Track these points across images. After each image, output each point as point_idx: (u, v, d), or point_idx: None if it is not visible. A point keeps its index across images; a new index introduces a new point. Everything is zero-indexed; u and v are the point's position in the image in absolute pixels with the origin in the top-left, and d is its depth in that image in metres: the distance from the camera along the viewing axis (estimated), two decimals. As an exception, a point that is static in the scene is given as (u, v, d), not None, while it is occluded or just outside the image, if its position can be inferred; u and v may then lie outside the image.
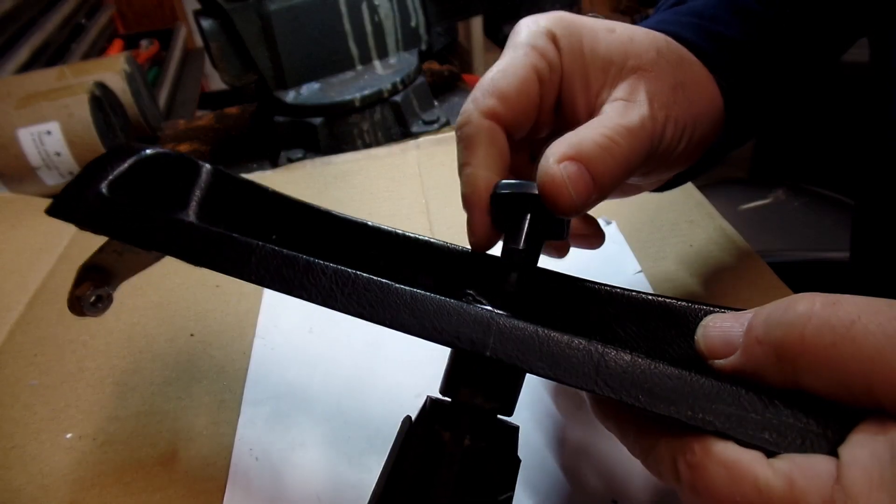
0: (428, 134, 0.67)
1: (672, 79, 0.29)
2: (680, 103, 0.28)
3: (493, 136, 0.27)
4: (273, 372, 0.40)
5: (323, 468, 0.34)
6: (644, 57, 0.28)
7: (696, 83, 0.30)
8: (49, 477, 0.35)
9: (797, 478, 0.17)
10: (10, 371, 0.42)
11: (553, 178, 0.24)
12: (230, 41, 0.61)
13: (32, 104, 0.62)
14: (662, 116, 0.27)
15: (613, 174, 0.25)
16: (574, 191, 0.24)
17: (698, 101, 0.30)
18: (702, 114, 0.30)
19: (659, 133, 0.27)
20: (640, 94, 0.27)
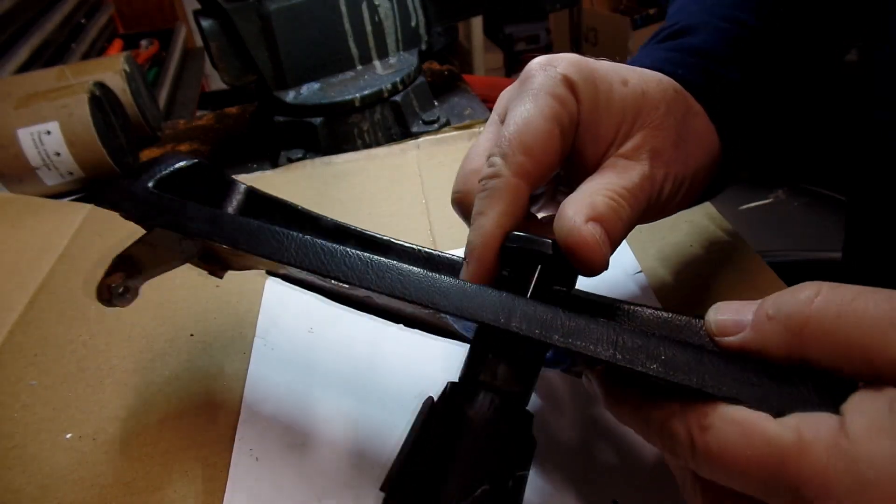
0: (428, 134, 0.67)
1: (675, 135, 0.29)
2: (679, 160, 0.29)
3: (518, 193, 0.26)
4: (273, 372, 0.40)
5: (323, 468, 0.34)
6: (654, 114, 0.29)
7: (698, 136, 0.31)
8: (49, 477, 0.35)
9: (804, 429, 0.18)
10: (10, 371, 0.42)
11: (586, 240, 0.25)
12: (230, 41, 0.61)
13: (32, 104, 0.62)
14: (661, 175, 0.28)
15: (621, 234, 0.26)
16: (605, 250, 0.25)
17: (698, 155, 0.31)
18: (700, 166, 0.31)
19: (657, 191, 0.28)
20: (643, 152, 0.28)
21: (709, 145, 0.32)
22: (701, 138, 0.31)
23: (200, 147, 0.75)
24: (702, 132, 0.31)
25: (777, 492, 0.19)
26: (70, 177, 0.64)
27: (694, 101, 0.32)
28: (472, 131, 0.66)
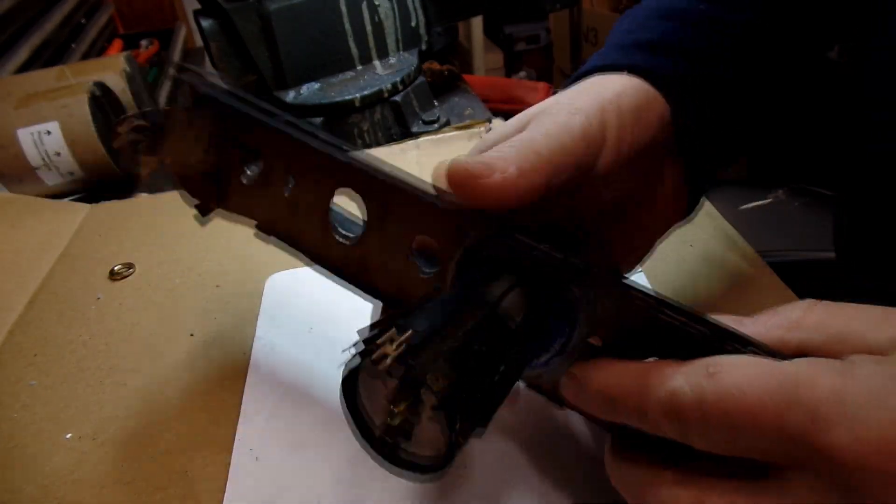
0: (428, 134, 0.67)
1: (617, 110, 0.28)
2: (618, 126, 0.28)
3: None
4: (273, 372, 0.40)
5: (323, 468, 0.34)
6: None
7: (647, 113, 0.30)
8: (49, 477, 0.35)
9: (814, 362, 0.19)
10: (10, 371, 0.42)
11: (467, 167, 0.24)
12: (230, 41, 0.61)
13: (32, 104, 0.62)
14: (593, 124, 0.27)
15: (537, 166, 0.24)
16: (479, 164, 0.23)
17: (641, 129, 0.29)
18: (646, 140, 0.29)
19: (585, 139, 0.26)
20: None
21: (661, 114, 0.30)
22: (651, 111, 0.30)
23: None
24: (653, 106, 0.30)
25: (791, 426, 0.18)
26: (70, 177, 0.64)
27: (645, 85, 0.30)
28: (471, 131, 0.66)
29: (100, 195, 0.64)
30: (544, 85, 1.33)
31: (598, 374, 0.23)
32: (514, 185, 0.23)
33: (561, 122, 0.26)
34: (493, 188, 0.23)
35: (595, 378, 0.23)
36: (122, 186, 0.67)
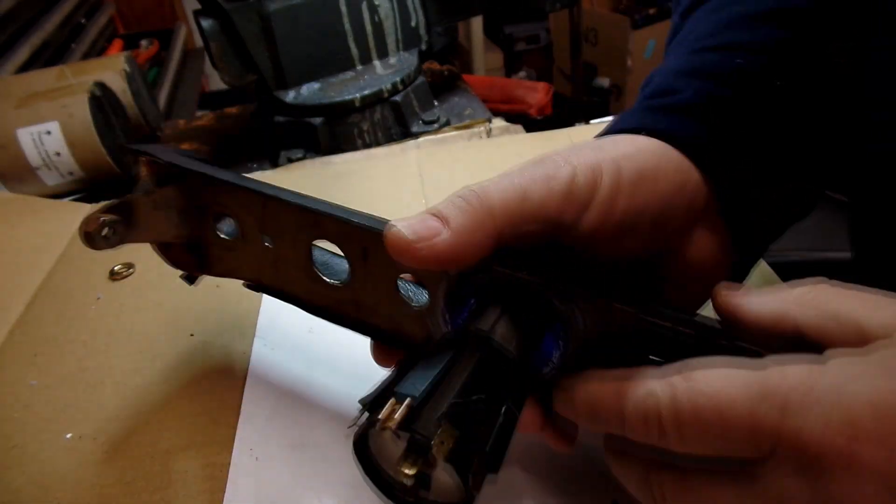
0: (428, 134, 0.67)
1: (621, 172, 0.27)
2: (629, 191, 0.26)
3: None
4: (273, 372, 0.40)
5: (323, 468, 0.34)
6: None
7: (665, 173, 0.28)
8: (49, 477, 0.35)
9: (786, 359, 0.20)
10: (10, 371, 0.42)
11: (390, 234, 0.24)
12: (230, 41, 0.61)
13: (32, 104, 0.62)
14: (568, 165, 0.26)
15: (477, 221, 0.24)
16: (410, 233, 0.23)
17: (660, 189, 0.27)
18: (666, 202, 0.27)
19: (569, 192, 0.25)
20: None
21: (679, 181, 0.28)
22: (668, 174, 0.27)
23: (200, 147, 0.75)
24: (669, 170, 0.28)
25: (762, 419, 0.19)
26: (70, 177, 0.64)
27: (665, 147, 0.28)
28: (471, 131, 0.66)
29: (100, 195, 0.64)
30: (544, 85, 1.32)
31: (581, 384, 0.24)
32: (449, 249, 0.23)
33: (540, 173, 0.25)
34: (428, 255, 0.23)
35: (579, 388, 0.24)
36: (122, 186, 0.67)
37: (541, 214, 0.24)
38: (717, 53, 0.31)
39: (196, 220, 0.33)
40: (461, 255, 0.23)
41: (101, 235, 0.30)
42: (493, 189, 0.24)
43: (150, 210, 0.32)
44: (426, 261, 0.23)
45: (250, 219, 0.31)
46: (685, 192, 0.27)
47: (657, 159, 0.27)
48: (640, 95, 0.33)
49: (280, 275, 0.32)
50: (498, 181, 0.25)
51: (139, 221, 0.32)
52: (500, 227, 0.24)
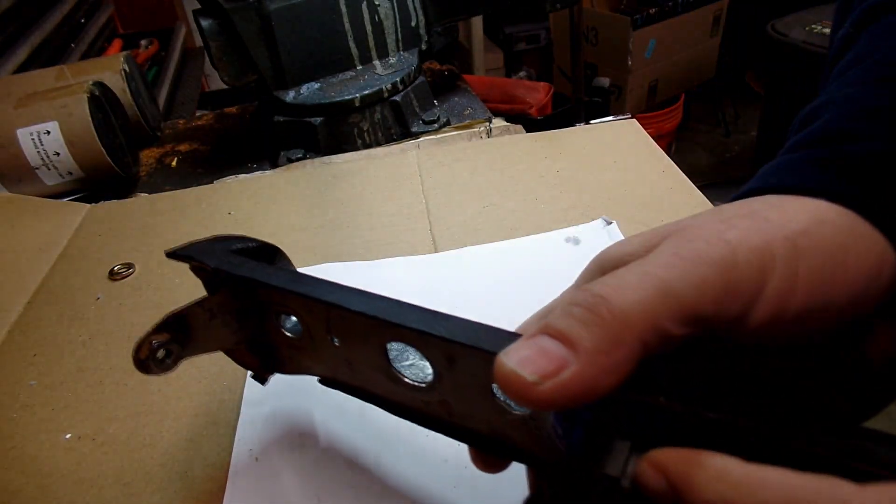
0: (428, 134, 0.67)
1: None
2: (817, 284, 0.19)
3: None
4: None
5: (323, 468, 0.34)
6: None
7: (856, 256, 0.20)
8: (49, 477, 0.35)
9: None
10: (10, 371, 0.42)
11: (504, 372, 0.18)
12: (230, 41, 0.61)
13: (31, 104, 0.62)
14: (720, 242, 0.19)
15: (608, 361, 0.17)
16: (526, 370, 0.17)
17: (852, 279, 0.20)
18: (858, 292, 0.20)
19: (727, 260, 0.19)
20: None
21: (874, 266, 0.21)
22: (860, 258, 0.20)
23: (200, 147, 0.75)
24: (861, 251, 0.20)
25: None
26: (70, 177, 0.63)
27: (854, 218, 0.21)
28: (471, 131, 0.66)
29: (100, 195, 0.64)
30: (544, 85, 1.32)
31: (710, 482, 0.16)
32: (583, 383, 0.17)
33: (685, 258, 0.19)
34: (556, 395, 0.17)
35: (707, 486, 0.16)
36: (122, 186, 0.67)
37: (691, 314, 0.18)
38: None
39: (257, 319, 0.30)
40: (599, 388, 0.17)
41: (157, 360, 0.27)
42: (625, 289, 0.18)
43: (206, 321, 0.29)
44: (553, 403, 0.17)
45: (314, 320, 0.28)
46: (880, 281, 0.20)
47: (844, 237, 0.20)
48: (797, 133, 0.25)
49: (357, 374, 0.28)
50: (627, 273, 0.19)
51: (196, 335, 0.29)
52: (643, 339, 0.18)
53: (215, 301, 0.29)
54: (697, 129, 2.49)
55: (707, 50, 2.29)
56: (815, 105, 0.25)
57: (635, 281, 0.18)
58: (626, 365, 0.18)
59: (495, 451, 0.25)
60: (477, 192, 0.55)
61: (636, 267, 0.19)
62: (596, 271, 0.22)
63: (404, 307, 0.24)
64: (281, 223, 0.54)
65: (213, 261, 0.29)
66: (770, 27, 1.76)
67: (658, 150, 0.59)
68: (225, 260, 0.29)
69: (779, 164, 0.24)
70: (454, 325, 0.22)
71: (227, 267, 0.29)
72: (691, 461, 0.17)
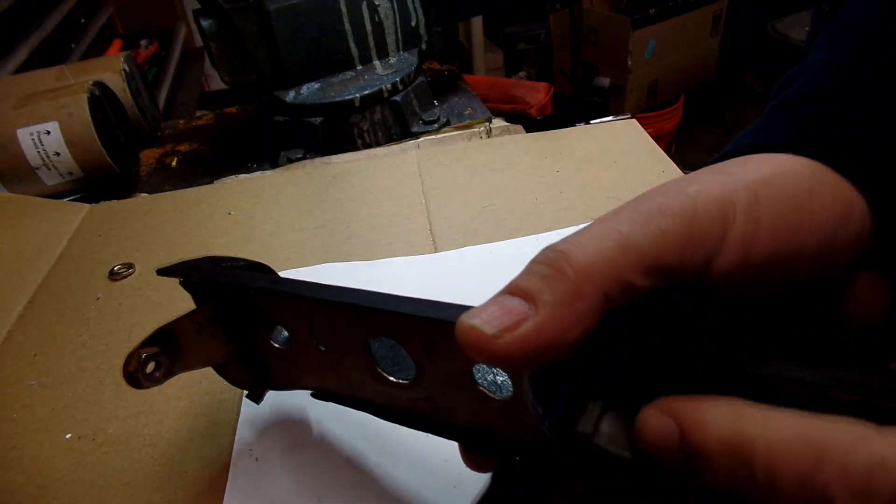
0: (428, 134, 0.67)
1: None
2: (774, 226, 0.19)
3: None
4: (273, 372, 0.40)
5: (323, 468, 0.34)
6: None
7: (821, 200, 0.20)
8: (48, 477, 0.35)
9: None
10: (10, 371, 0.42)
11: (462, 327, 0.18)
12: (230, 41, 0.61)
13: (32, 104, 0.62)
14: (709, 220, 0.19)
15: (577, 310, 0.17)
16: (485, 324, 0.17)
17: (817, 221, 0.20)
18: (824, 236, 0.20)
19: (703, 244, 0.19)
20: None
21: (841, 211, 0.20)
22: (825, 202, 0.20)
23: (200, 147, 0.75)
24: (826, 196, 0.20)
25: None
26: (70, 177, 0.63)
27: (818, 167, 0.21)
28: (471, 131, 0.66)
29: (100, 195, 0.64)
30: (544, 85, 1.32)
31: (723, 414, 0.16)
32: (543, 335, 0.17)
33: (644, 211, 0.19)
34: (517, 348, 0.17)
35: (718, 418, 0.16)
36: (122, 186, 0.67)
37: (653, 264, 0.18)
38: (890, 48, 0.23)
39: (246, 332, 0.31)
40: (560, 340, 0.17)
41: (146, 373, 0.27)
42: (584, 242, 0.18)
43: (194, 334, 0.29)
44: (515, 357, 0.17)
45: (299, 325, 0.28)
46: (849, 227, 0.20)
47: (809, 184, 0.20)
48: (773, 101, 0.25)
49: (345, 380, 0.29)
50: (588, 230, 0.19)
51: (185, 348, 0.29)
52: (605, 291, 0.18)
53: (202, 313, 0.29)
54: (697, 129, 2.49)
55: (707, 50, 2.29)
56: (788, 74, 0.25)
57: (595, 235, 0.18)
58: (588, 316, 0.17)
59: (483, 447, 0.25)
60: (477, 192, 0.55)
61: (597, 224, 0.19)
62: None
63: (381, 297, 0.24)
64: (281, 223, 0.54)
65: (198, 273, 0.30)
66: (770, 27, 1.77)
67: (658, 150, 0.59)
68: (211, 272, 0.30)
69: (752, 128, 0.24)
70: (429, 306, 0.22)
71: (212, 275, 0.29)
72: (702, 403, 0.16)
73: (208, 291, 0.30)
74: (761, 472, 0.15)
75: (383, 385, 0.26)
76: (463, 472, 0.32)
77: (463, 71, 0.95)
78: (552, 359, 0.18)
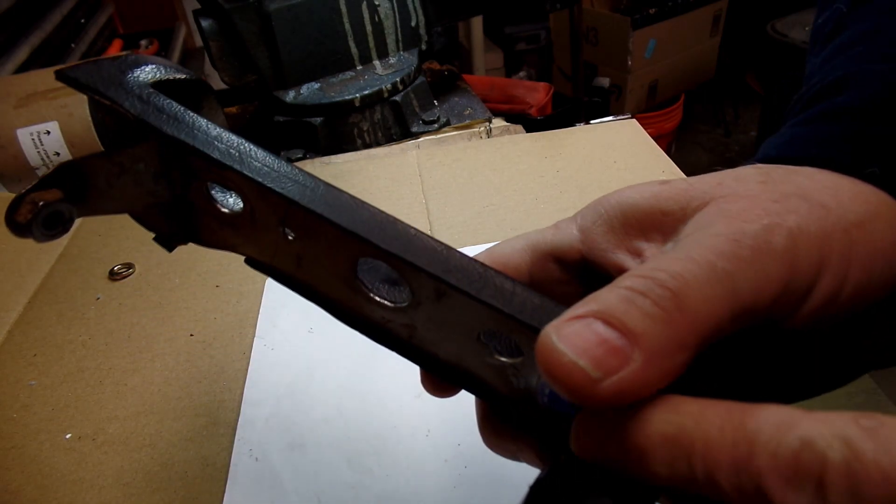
0: (428, 134, 0.67)
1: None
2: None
3: None
4: (273, 372, 0.40)
5: (323, 468, 0.34)
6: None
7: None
8: (48, 477, 0.35)
9: None
10: (10, 371, 0.42)
11: (555, 357, 0.15)
12: (230, 41, 0.61)
13: (32, 104, 0.62)
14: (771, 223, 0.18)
15: (666, 344, 0.15)
16: (589, 362, 0.15)
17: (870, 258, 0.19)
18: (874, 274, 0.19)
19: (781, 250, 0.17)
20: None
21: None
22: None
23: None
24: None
25: None
26: (70, 177, 0.63)
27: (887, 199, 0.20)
28: (471, 131, 0.66)
29: (99, 195, 0.64)
30: (544, 85, 1.32)
31: (661, 413, 0.15)
32: (642, 383, 0.15)
33: (748, 247, 0.17)
34: (613, 395, 0.15)
35: (654, 415, 0.15)
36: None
37: (749, 314, 0.17)
38: None
39: (181, 182, 0.24)
40: (653, 388, 0.15)
41: (42, 220, 0.21)
42: (694, 286, 0.16)
43: (111, 177, 0.23)
44: (608, 403, 0.15)
45: (265, 206, 0.22)
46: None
47: (889, 224, 0.19)
48: (810, 102, 0.24)
49: (305, 271, 0.24)
50: (690, 266, 0.16)
51: (95, 192, 0.23)
52: (705, 338, 0.16)
53: (130, 155, 0.23)
54: (697, 129, 2.49)
55: (707, 50, 2.29)
56: (831, 80, 0.24)
57: (703, 275, 0.16)
58: (682, 369, 0.16)
59: (450, 378, 0.23)
60: (477, 192, 0.55)
61: (696, 250, 0.17)
62: (620, 220, 0.21)
63: (395, 226, 0.20)
64: (281, 223, 0.54)
65: (133, 102, 0.22)
66: (770, 27, 1.77)
67: (658, 150, 0.59)
68: (148, 103, 0.22)
69: (805, 135, 0.23)
70: (457, 265, 0.19)
71: (155, 119, 0.22)
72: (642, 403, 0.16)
73: (142, 131, 0.22)
74: (699, 464, 0.14)
75: (357, 294, 0.22)
76: (463, 473, 0.32)
77: (463, 71, 0.95)
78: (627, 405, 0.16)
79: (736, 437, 0.14)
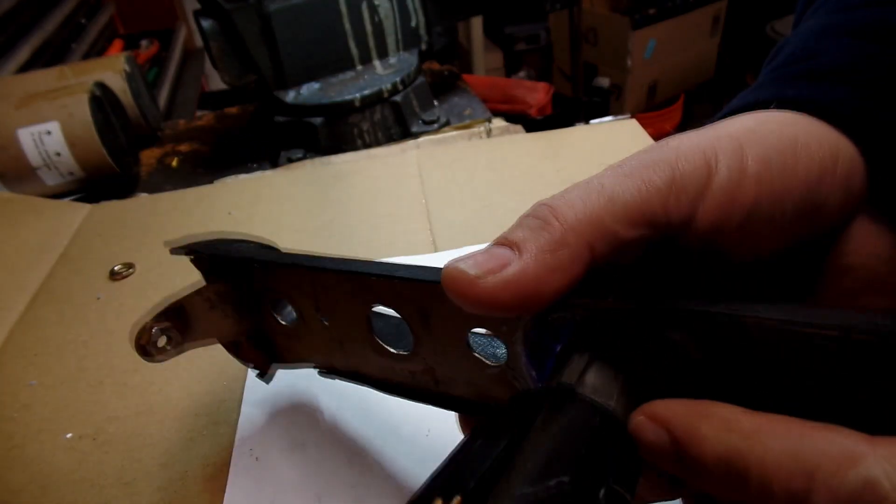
0: (428, 134, 0.67)
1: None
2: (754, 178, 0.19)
3: None
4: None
5: (323, 468, 0.34)
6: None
7: (806, 149, 0.21)
8: (49, 477, 0.35)
9: None
10: (10, 371, 0.42)
11: (450, 273, 0.18)
12: (230, 41, 0.61)
13: (32, 104, 0.62)
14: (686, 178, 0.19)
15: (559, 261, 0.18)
16: (471, 267, 0.18)
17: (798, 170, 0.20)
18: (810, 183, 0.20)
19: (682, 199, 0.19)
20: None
21: (828, 156, 0.20)
22: (809, 149, 0.20)
23: (200, 147, 0.75)
24: (811, 143, 0.20)
25: None
26: (70, 177, 0.64)
27: (803, 117, 0.21)
28: (471, 131, 0.66)
29: (100, 195, 0.64)
30: (544, 85, 1.32)
31: (715, 431, 0.15)
32: (525, 279, 0.17)
33: (629, 166, 0.19)
34: (498, 290, 0.17)
35: (710, 433, 0.15)
36: (122, 186, 0.67)
37: (638, 216, 0.18)
38: (871, 9, 0.23)
39: (255, 310, 0.31)
40: (542, 287, 0.18)
41: (157, 346, 0.28)
42: (571, 198, 0.19)
43: (205, 310, 0.30)
44: (496, 300, 0.17)
45: (304, 299, 0.28)
46: (837, 171, 0.20)
47: (793, 131, 0.20)
48: (764, 69, 0.26)
49: (349, 355, 0.29)
50: (575, 187, 0.19)
51: (195, 324, 0.30)
52: (589, 242, 0.18)
53: (213, 290, 0.30)
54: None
55: (707, 50, 2.29)
56: (779, 44, 0.26)
57: (582, 188, 0.19)
58: (571, 264, 0.18)
59: (477, 411, 0.25)
60: (477, 192, 0.55)
61: (583, 182, 0.20)
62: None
63: (376, 264, 0.25)
64: (281, 223, 0.55)
65: (208, 250, 0.30)
66: (770, 27, 1.77)
67: (658, 151, 0.59)
68: (221, 249, 0.31)
69: (743, 93, 0.25)
70: (419, 270, 0.23)
71: (220, 251, 0.30)
72: (696, 412, 0.16)
73: (218, 270, 0.31)
74: (755, 487, 0.14)
75: (384, 357, 0.27)
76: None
77: (463, 71, 0.95)
78: (537, 307, 0.18)
79: (793, 468, 0.14)
